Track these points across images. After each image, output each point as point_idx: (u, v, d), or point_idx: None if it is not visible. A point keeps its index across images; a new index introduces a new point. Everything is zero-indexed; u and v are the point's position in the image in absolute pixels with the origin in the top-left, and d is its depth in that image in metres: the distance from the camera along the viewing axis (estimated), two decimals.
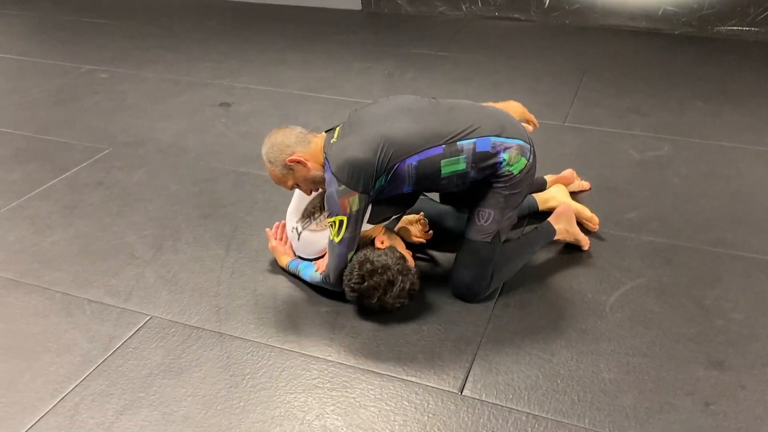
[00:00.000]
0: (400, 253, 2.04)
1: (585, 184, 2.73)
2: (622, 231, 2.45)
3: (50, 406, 1.77)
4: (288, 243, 2.26)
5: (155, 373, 1.87)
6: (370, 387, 1.81)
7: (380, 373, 1.85)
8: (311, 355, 1.92)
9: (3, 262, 2.36)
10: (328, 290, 2.12)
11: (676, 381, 1.81)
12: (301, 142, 2.01)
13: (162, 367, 1.89)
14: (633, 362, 1.88)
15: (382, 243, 2.06)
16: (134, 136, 3.32)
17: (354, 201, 1.89)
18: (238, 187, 2.82)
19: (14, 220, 2.63)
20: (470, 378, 1.83)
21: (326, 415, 1.73)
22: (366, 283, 1.95)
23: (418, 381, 1.83)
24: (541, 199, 2.51)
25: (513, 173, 1.99)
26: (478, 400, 1.77)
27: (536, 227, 2.29)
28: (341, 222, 1.92)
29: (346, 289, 2.00)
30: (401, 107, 2.04)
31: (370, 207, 2.01)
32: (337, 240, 1.95)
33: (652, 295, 2.14)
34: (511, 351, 1.93)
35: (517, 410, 1.73)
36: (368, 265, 1.96)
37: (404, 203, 2.14)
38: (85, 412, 1.75)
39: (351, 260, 1.99)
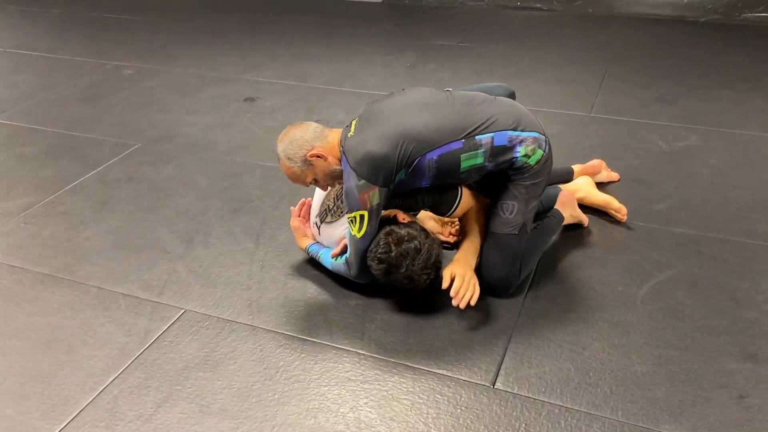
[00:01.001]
0: (421, 227, 2.04)
1: (614, 175, 2.71)
2: (652, 223, 2.44)
3: (90, 399, 1.81)
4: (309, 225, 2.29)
5: (191, 366, 1.90)
6: (402, 380, 1.83)
7: (412, 366, 1.87)
8: (343, 348, 1.94)
9: (39, 257, 2.41)
10: (357, 283, 2.13)
11: (709, 373, 1.81)
12: (319, 137, 2.01)
13: (197, 360, 1.93)
14: (665, 355, 1.87)
15: (404, 219, 2.05)
16: (162, 132, 3.36)
17: (374, 195, 1.90)
18: (266, 181, 2.85)
19: (48, 215, 2.68)
20: (502, 371, 1.84)
21: (360, 408, 1.75)
22: (394, 252, 1.94)
23: (449, 374, 1.84)
24: (566, 191, 2.46)
25: (531, 165, 1.99)
26: (511, 393, 1.78)
27: (548, 216, 2.29)
28: (362, 217, 1.93)
29: (373, 262, 1.97)
30: (418, 101, 2.02)
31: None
32: (359, 235, 1.96)
33: (683, 287, 2.13)
34: (542, 344, 1.93)
35: (550, 403, 1.74)
36: (394, 235, 1.96)
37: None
38: (124, 405, 1.79)
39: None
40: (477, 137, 1.94)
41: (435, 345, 1.94)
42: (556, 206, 2.32)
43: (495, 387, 1.80)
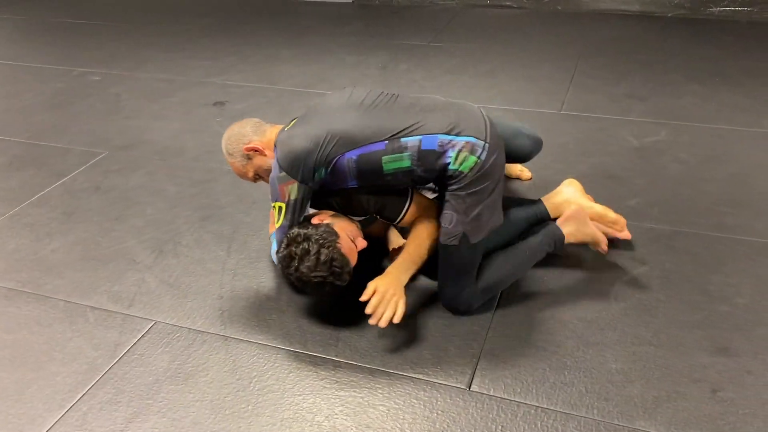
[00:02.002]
0: (333, 229, 1.91)
1: (526, 174, 2.73)
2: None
3: (58, 417, 1.77)
4: None
5: (162, 380, 1.86)
6: (377, 386, 1.81)
7: (387, 372, 1.85)
8: (318, 356, 1.92)
9: (3, 272, 2.35)
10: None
11: (683, 369, 1.82)
12: (257, 131, 2.07)
13: (168, 372, 1.89)
14: (639, 351, 1.88)
15: (321, 220, 1.98)
16: (130, 139, 3.30)
17: (293, 189, 1.89)
18: (236, 187, 2.81)
19: (13, 228, 2.61)
20: (477, 373, 1.83)
21: (335, 416, 1.73)
22: (283, 252, 1.91)
23: (425, 378, 1.83)
24: (552, 205, 2.27)
25: (463, 172, 1.87)
26: (486, 395, 1.77)
27: (540, 231, 2.13)
28: (280, 208, 1.93)
29: (275, 261, 1.96)
30: (356, 101, 1.99)
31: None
32: (277, 225, 1.97)
33: (656, 282, 2.14)
34: (517, 344, 1.93)
35: (526, 404, 1.74)
36: (290, 236, 1.92)
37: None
38: (93, 422, 1.75)
39: None
40: (402, 140, 1.88)
41: (410, 349, 1.93)
42: (558, 221, 2.13)
43: (471, 389, 1.79)
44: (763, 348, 1.87)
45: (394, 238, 2.26)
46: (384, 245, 2.30)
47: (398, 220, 2.04)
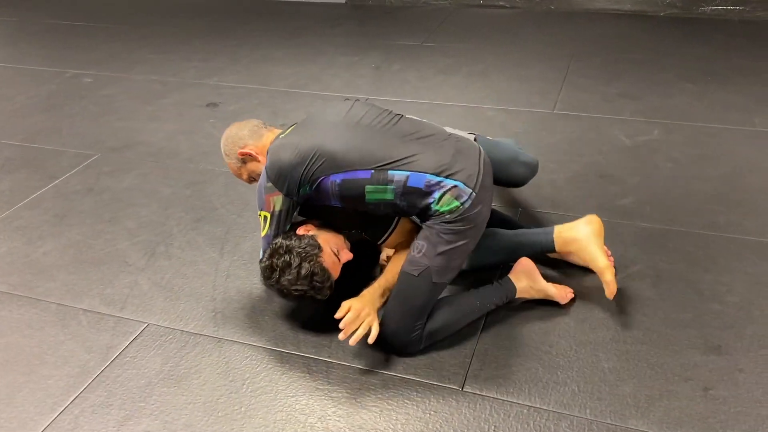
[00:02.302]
0: (316, 242, 1.89)
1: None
2: (616, 218, 2.46)
3: (50, 420, 1.76)
4: None
5: (154, 382, 1.86)
6: (370, 387, 1.81)
7: (380, 373, 1.85)
8: (310, 357, 1.92)
9: None
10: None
11: (675, 367, 1.82)
12: (254, 135, 2.06)
13: (161, 375, 1.88)
14: (632, 350, 1.88)
15: (307, 231, 1.95)
16: (123, 141, 3.29)
17: (277, 201, 1.88)
18: (230, 188, 2.80)
19: (5, 231, 2.60)
20: (470, 373, 1.83)
21: (328, 417, 1.73)
22: (265, 263, 1.90)
23: (418, 379, 1.83)
24: (561, 239, 2.10)
25: (441, 212, 1.81)
26: (479, 395, 1.77)
27: (493, 282, 2.03)
28: (265, 218, 1.92)
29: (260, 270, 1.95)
30: (353, 118, 1.93)
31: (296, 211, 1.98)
32: (263, 234, 1.96)
33: (648, 281, 2.14)
34: (509, 344, 1.93)
35: (518, 403, 1.74)
36: (273, 247, 1.90)
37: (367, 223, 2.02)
38: (85, 425, 1.74)
39: None
40: (390, 172, 1.82)
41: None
42: (510, 274, 2.04)
43: (464, 390, 1.79)
44: (754, 346, 1.87)
45: (385, 248, 2.25)
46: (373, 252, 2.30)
47: (381, 241, 2.01)
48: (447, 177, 1.82)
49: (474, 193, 1.82)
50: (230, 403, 1.78)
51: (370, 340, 1.80)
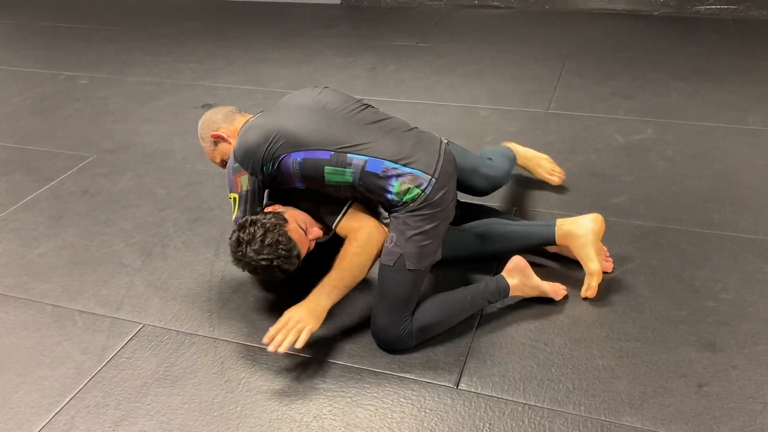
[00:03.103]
0: (282, 216, 1.90)
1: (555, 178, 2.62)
2: (610, 216, 2.46)
3: (46, 421, 1.76)
4: None
5: (150, 382, 1.86)
6: (366, 386, 1.81)
7: (375, 371, 1.86)
8: (306, 356, 1.92)
9: None
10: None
11: (669, 364, 1.83)
12: (227, 119, 2.14)
13: (156, 375, 1.88)
14: (626, 347, 1.89)
15: (275, 209, 1.98)
16: (118, 142, 3.29)
17: (244, 181, 1.93)
18: (225, 189, 2.78)
19: (0, 233, 2.60)
20: (465, 371, 1.84)
21: (323, 416, 1.73)
22: (233, 237, 1.91)
23: (413, 377, 1.83)
24: (562, 231, 2.12)
25: (406, 203, 1.84)
26: (474, 393, 1.78)
27: (485, 280, 2.04)
28: (234, 200, 1.97)
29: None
30: (319, 103, 2.00)
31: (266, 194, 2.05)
32: (233, 217, 1.99)
33: (642, 279, 2.15)
34: (504, 342, 1.93)
35: (513, 401, 1.74)
36: (241, 222, 1.91)
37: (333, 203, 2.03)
38: (81, 425, 1.74)
39: None
40: (349, 155, 1.86)
41: (398, 349, 1.93)
42: (503, 272, 2.04)
43: (459, 388, 1.79)
44: (748, 343, 1.88)
45: None
46: None
47: (334, 224, 1.98)
48: (404, 165, 1.85)
49: (434, 179, 1.85)
50: (226, 403, 1.78)
51: (298, 344, 1.76)
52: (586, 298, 2.07)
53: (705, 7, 4.66)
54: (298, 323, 1.79)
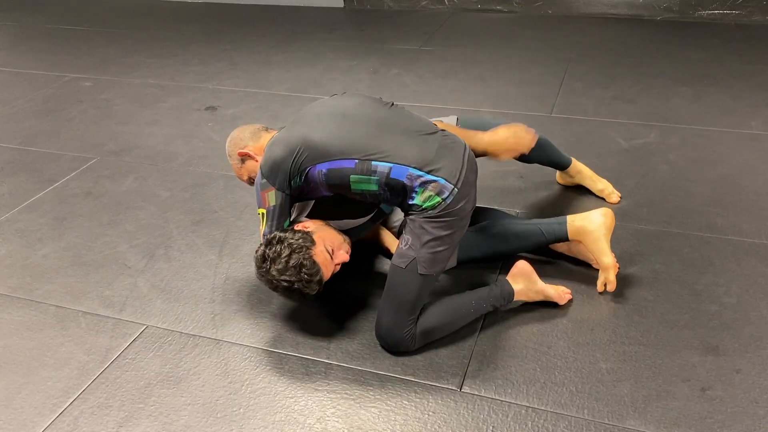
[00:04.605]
0: (310, 237, 1.90)
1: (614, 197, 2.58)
2: None
3: (49, 421, 1.76)
4: None
5: (153, 383, 1.86)
6: (369, 388, 1.82)
7: (379, 374, 1.86)
8: (309, 358, 1.92)
9: None
10: (322, 293, 2.11)
11: (672, 368, 1.83)
12: (254, 137, 2.13)
13: (160, 376, 1.89)
14: (629, 351, 1.89)
15: (305, 227, 1.97)
16: (121, 144, 3.30)
17: (272, 196, 1.93)
18: (228, 191, 2.81)
19: (4, 234, 2.61)
20: (468, 374, 1.84)
21: (327, 418, 1.73)
22: (260, 252, 1.90)
23: (416, 380, 1.83)
24: (573, 228, 2.12)
25: (424, 208, 1.84)
26: (478, 395, 1.78)
27: (490, 285, 2.03)
28: (262, 215, 1.97)
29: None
30: (339, 111, 1.97)
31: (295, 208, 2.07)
32: (261, 232, 1.99)
33: (645, 282, 2.15)
34: (507, 345, 1.94)
35: (517, 404, 1.75)
36: (269, 238, 1.91)
37: (360, 211, 2.07)
38: (85, 426, 1.75)
39: None
40: (373, 162, 1.85)
41: (401, 351, 1.93)
42: (508, 276, 2.04)
43: (462, 390, 1.79)
44: (751, 347, 1.88)
45: (391, 242, 2.26)
46: (375, 250, 2.31)
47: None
48: (429, 172, 1.83)
49: (456, 189, 1.84)
50: (229, 404, 1.79)
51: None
52: (603, 291, 2.09)
53: (707, 12, 4.67)
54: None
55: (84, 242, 2.53)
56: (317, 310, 2.10)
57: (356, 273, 2.10)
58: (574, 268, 2.21)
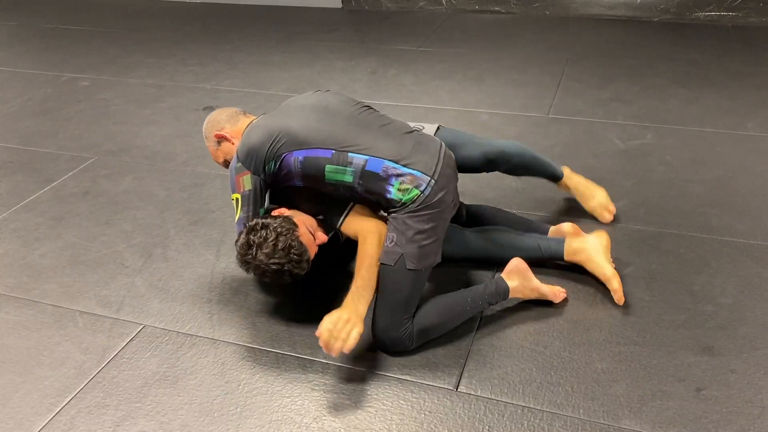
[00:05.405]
0: (292, 220, 1.91)
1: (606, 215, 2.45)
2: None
3: (46, 421, 1.77)
4: None
5: (150, 383, 1.87)
6: (366, 387, 1.82)
7: (376, 373, 1.86)
8: (306, 358, 1.93)
9: None
10: (318, 293, 2.13)
11: (668, 368, 1.84)
12: (231, 120, 2.17)
13: (157, 376, 1.89)
14: (625, 351, 1.90)
15: (281, 213, 1.97)
16: (119, 144, 3.30)
17: (246, 180, 1.95)
18: (226, 191, 2.81)
19: (1, 233, 2.61)
20: (465, 374, 1.85)
21: (324, 418, 1.74)
22: (241, 240, 1.90)
23: (413, 379, 1.84)
24: (571, 249, 2.15)
25: (405, 203, 1.86)
26: (474, 395, 1.78)
27: (485, 282, 2.05)
28: (237, 200, 1.98)
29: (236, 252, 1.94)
30: (321, 104, 2.03)
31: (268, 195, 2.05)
32: (236, 219, 2.00)
33: (642, 283, 2.16)
34: (504, 345, 1.94)
35: (513, 404, 1.75)
36: (250, 225, 1.91)
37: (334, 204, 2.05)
38: (81, 425, 1.75)
39: None
40: (350, 154, 1.89)
41: (398, 351, 1.93)
42: (502, 273, 2.05)
43: (458, 390, 1.80)
44: (746, 347, 1.89)
45: None
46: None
47: (338, 224, 2.00)
48: (405, 166, 1.88)
49: (433, 181, 1.87)
50: (226, 403, 1.79)
51: (346, 349, 1.73)
52: (609, 296, 2.09)
53: (704, 14, 4.68)
54: (346, 325, 1.75)
55: (81, 242, 2.53)
56: (314, 310, 2.10)
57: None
58: (570, 267, 2.21)
